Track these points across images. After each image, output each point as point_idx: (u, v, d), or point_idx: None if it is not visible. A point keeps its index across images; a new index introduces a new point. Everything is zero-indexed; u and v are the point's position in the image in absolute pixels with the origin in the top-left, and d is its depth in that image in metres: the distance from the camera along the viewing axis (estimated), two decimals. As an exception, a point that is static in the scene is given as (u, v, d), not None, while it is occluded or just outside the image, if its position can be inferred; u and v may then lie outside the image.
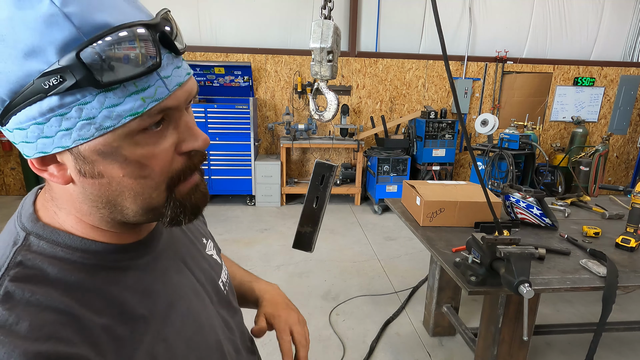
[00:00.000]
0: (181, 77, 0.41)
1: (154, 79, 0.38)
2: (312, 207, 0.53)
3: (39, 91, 0.34)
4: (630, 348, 2.36)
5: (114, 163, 0.39)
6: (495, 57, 5.22)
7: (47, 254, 0.42)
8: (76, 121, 0.36)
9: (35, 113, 0.36)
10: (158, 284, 0.50)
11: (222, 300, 0.63)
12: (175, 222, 0.46)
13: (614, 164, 5.81)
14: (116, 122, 0.37)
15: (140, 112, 0.37)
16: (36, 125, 0.37)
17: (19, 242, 0.42)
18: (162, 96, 0.39)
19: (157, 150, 0.41)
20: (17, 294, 0.37)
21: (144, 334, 0.45)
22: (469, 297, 2.63)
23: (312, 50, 1.15)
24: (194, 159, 0.45)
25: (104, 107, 0.36)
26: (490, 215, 1.72)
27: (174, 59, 0.40)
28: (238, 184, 4.77)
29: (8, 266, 0.39)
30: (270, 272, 3.18)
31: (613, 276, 1.41)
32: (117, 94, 0.36)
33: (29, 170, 4.78)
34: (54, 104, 0.35)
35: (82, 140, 0.37)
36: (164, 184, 0.43)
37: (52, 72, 0.34)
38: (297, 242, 0.55)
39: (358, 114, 5.31)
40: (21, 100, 0.35)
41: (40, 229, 0.44)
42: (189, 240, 0.62)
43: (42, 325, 0.36)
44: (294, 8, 4.87)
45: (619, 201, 2.46)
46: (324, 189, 0.53)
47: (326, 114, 1.29)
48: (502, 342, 1.67)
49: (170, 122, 0.42)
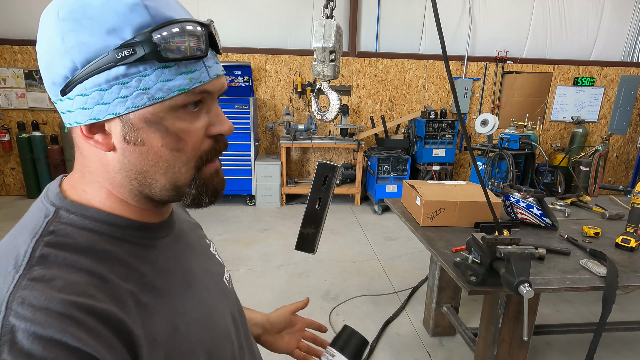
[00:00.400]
0: (219, 71, 0.49)
1: (200, 66, 0.46)
2: (315, 209, 0.53)
3: (111, 61, 0.42)
4: (630, 348, 2.36)
5: (156, 132, 0.45)
6: (495, 57, 5.22)
7: (76, 225, 0.46)
8: (133, 90, 0.43)
9: (102, 80, 0.42)
10: (174, 264, 0.55)
11: (228, 295, 0.66)
12: (197, 201, 0.51)
13: (614, 164, 5.81)
14: (166, 95, 0.44)
15: (186, 89, 0.45)
16: (99, 91, 0.43)
17: (50, 215, 0.46)
18: (205, 80, 0.46)
19: (192, 127, 0.47)
20: (52, 256, 0.42)
21: (165, 305, 0.49)
22: (469, 297, 2.63)
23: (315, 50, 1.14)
24: (219, 144, 0.51)
25: (159, 80, 0.43)
26: (490, 215, 1.72)
27: (214, 56, 0.49)
28: (238, 184, 4.77)
29: (42, 234, 0.44)
30: (270, 272, 3.18)
31: (613, 276, 1.41)
32: (171, 72, 0.44)
33: (29, 170, 4.78)
34: (120, 73, 0.42)
35: (135, 107, 0.44)
36: (193, 161, 0.48)
37: (128, 44, 0.41)
38: (300, 244, 0.55)
39: (358, 114, 5.31)
40: (93, 68, 0.42)
41: (69, 205, 0.48)
42: (196, 237, 0.66)
43: (76, 283, 0.40)
44: (294, 8, 4.88)
45: (619, 201, 2.46)
46: (327, 190, 0.53)
47: (329, 114, 1.29)
48: (502, 342, 1.67)
49: (204, 106, 0.48)
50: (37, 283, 0.38)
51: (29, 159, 4.73)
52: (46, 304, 0.37)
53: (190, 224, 0.68)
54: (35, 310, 0.36)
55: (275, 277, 3.10)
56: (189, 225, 0.67)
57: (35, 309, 0.36)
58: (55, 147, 4.76)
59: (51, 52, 0.43)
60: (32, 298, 0.37)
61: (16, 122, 4.75)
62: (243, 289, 2.91)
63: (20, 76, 4.72)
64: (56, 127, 4.92)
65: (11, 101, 4.80)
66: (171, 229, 0.57)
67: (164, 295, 0.50)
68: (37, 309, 0.36)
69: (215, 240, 3.69)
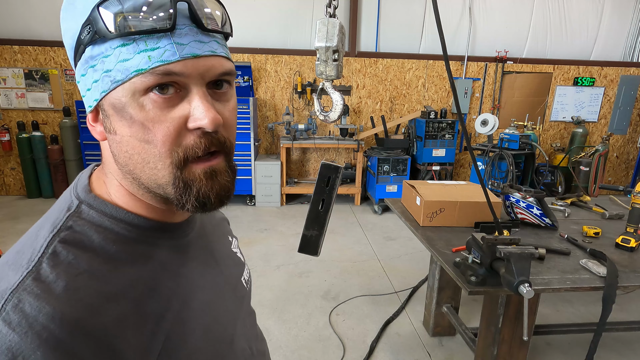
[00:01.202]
0: (200, 51, 0.41)
1: (165, 42, 0.40)
2: (318, 210, 0.52)
3: (80, 43, 0.41)
4: (630, 348, 2.36)
5: (123, 120, 0.41)
6: (495, 57, 5.22)
7: (94, 222, 0.45)
8: (101, 73, 0.41)
9: (81, 65, 0.42)
10: (186, 268, 0.52)
11: (243, 298, 0.64)
12: (180, 204, 0.44)
13: (614, 164, 5.81)
14: (124, 77, 0.39)
15: (144, 70, 0.39)
16: (82, 76, 0.42)
17: (72, 209, 0.46)
18: (169, 59, 0.39)
19: (163, 117, 0.41)
20: (63, 254, 0.41)
21: (166, 311, 0.46)
22: (469, 297, 2.63)
23: (317, 50, 1.13)
24: (203, 139, 0.43)
25: (118, 60, 0.39)
26: (490, 215, 1.72)
27: (199, 34, 0.42)
28: (238, 184, 4.76)
29: (60, 228, 0.43)
30: (270, 272, 3.18)
31: (613, 276, 1.41)
32: (129, 50, 0.39)
33: (29, 170, 4.78)
34: (87, 55, 0.41)
35: (104, 92, 0.41)
36: (168, 157, 0.42)
37: (84, 23, 0.40)
38: (303, 246, 0.54)
39: (358, 114, 5.31)
40: (75, 53, 0.42)
41: (92, 200, 0.47)
42: (218, 235, 0.65)
43: (77, 289, 0.39)
44: (294, 8, 4.87)
45: (619, 201, 2.46)
46: (330, 191, 0.52)
47: (332, 114, 1.27)
48: (502, 342, 1.67)
49: (185, 94, 0.42)
50: (38, 284, 0.38)
51: (29, 159, 4.73)
52: (34, 317, 0.36)
53: (215, 220, 0.66)
54: (21, 318, 0.36)
55: (275, 277, 3.10)
56: (214, 221, 0.65)
57: (25, 320, 0.36)
58: (55, 147, 4.76)
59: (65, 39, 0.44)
60: (27, 306, 0.36)
61: (16, 122, 4.75)
62: (243, 289, 2.91)
63: (20, 76, 4.72)
64: (56, 127, 4.91)
65: (11, 101, 4.80)
66: (190, 230, 0.55)
67: (169, 301, 0.47)
68: (24, 317, 0.36)
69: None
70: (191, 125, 0.42)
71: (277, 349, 2.27)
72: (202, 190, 0.44)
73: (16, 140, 4.72)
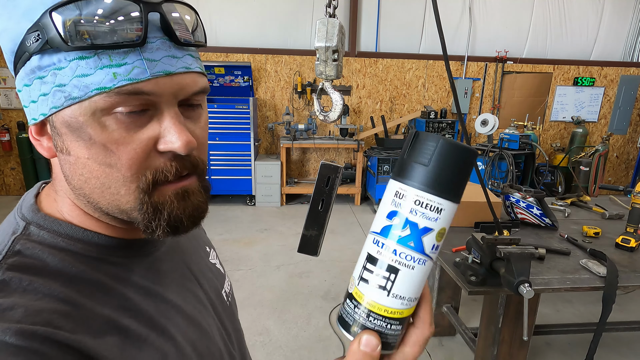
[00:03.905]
0: (173, 67, 0.37)
1: (134, 58, 0.35)
2: (318, 210, 0.52)
3: (25, 50, 0.35)
4: (630, 348, 2.36)
5: (80, 140, 0.36)
6: (495, 57, 5.22)
7: (47, 244, 0.40)
8: (51, 87, 0.35)
9: (24, 73, 0.36)
10: (161, 285, 0.47)
11: (225, 311, 0.59)
12: (149, 230, 0.40)
13: (614, 164, 5.81)
14: (83, 94, 0.34)
15: (108, 88, 0.34)
16: (25, 86, 0.37)
17: (18, 232, 0.40)
18: (138, 77, 0.35)
19: (129, 139, 0.36)
20: (14, 282, 0.35)
21: (151, 330, 0.42)
22: (469, 297, 2.63)
23: (317, 50, 1.13)
24: (180, 163, 0.39)
25: (75, 75, 0.34)
26: (490, 215, 1.72)
27: (172, 48, 0.37)
28: (238, 184, 4.77)
29: (6, 254, 0.37)
30: (270, 272, 3.18)
31: (613, 276, 1.41)
32: (89, 64, 0.34)
33: (29, 170, 4.78)
34: (34, 65, 0.35)
35: (55, 108, 0.36)
36: (134, 182, 0.38)
37: (31, 29, 0.34)
38: (303, 246, 0.54)
39: (358, 114, 5.31)
40: (17, 59, 0.36)
41: (41, 219, 0.41)
42: (194, 247, 0.60)
43: (40, 312, 0.34)
44: (294, 8, 4.87)
45: (619, 201, 2.46)
46: (330, 191, 0.52)
47: (331, 114, 1.27)
48: (502, 342, 1.67)
49: (155, 114, 0.38)
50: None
51: (29, 159, 4.73)
52: (1, 337, 0.31)
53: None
54: None
55: (275, 277, 3.10)
56: (189, 233, 0.62)
57: None
58: (55, 147, 4.76)
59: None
60: None
61: (16, 122, 4.75)
62: (243, 289, 2.91)
63: (20, 76, 4.72)
64: (56, 127, 4.91)
65: (11, 101, 4.80)
66: (160, 244, 0.50)
67: (150, 319, 0.43)
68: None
69: (215, 240, 3.70)
70: (162, 148, 0.38)
71: (277, 349, 2.27)
72: (173, 213, 0.40)
73: (16, 140, 4.72)
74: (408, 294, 0.34)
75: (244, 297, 2.77)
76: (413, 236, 0.33)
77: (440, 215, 0.33)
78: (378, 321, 0.34)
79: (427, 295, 0.37)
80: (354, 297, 0.35)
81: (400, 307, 0.34)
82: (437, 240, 0.33)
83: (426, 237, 0.33)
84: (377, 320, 0.34)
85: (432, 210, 0.33)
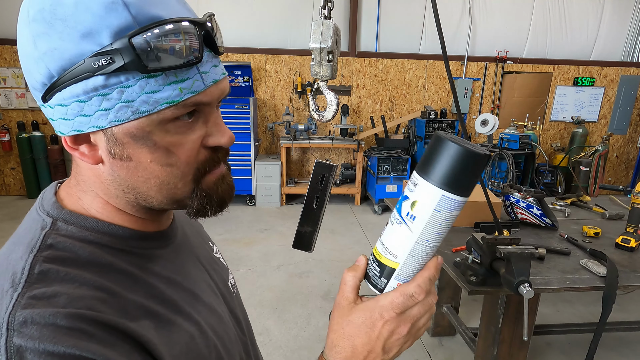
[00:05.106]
0: (217, 76, 0.43)
1: (193, 73, 0.40)
2: (312, 207, 0.53)
3: (88, 70, 0.37)
4: (630, 348, 2.36)
5: (144, 147, 0.41)
6: (495, 57, 5.22)
7: (76, 237, 0.43)
8: (115, 103, 0.38)
9: (80, 91, 0.38)
10: (180, 274, 0.52)
11: (233, 300, 0.64)
12: (202, 212, 0.47)
13: (614, 164, 5.81)
14: (152, 108, 0.39)
15: (176, 102, 0.40)
16: (77, 102, 0.39)
17: (47, 227, 0.43)
18: (198, 89, 0.41)
19: (184, 140, 0.43)
20: (52, 272, 0.38)
21: (177, 315, 0.46)
22: (469, 297, 2.63)
23: (312, 50, 1.14)
24: (218, 153, 0.47)
25: (144, 92, 0.38)
26: (490, 215, 1.72)
27: (212, 58, 0.43)
28: (238, 184, 4.75)
29: (40, 248, 0.40)
30: (270, 272, 3.18)
31: (613, 276, 1.41)
32: (157, 82, 0.39)
33: (29, 170, 4.78)
34: (98, 84, 0.38)
35: (118, 122, 0.39)
36: (190, 174, 0.44)
37: (104, 52, 0.36)
38: (297, 242, 0.55)
39: (358, 114, 5.31)
40: (69, 77, 0.37)
41: (67, 215, 0.45)
42: (199, 241, 0.64)
43: (81, 298, 0.38)
44: (294, 8, 4.87)
45: (619, 201, 2.46)
46: (324, 189, 0.53)
47: (326, 114, 1.29)
48: (502, 342, 1.67)
49: (201, 115, 0.44)
50: (39, 301, 0.36)
51: (29, 159, 4.73)
52: (52, 320, 0.34)
53: (192, 226, 0.66)
54: (41, 327, 0.34)
55: (275, 277, 3.10)
56: (192, 229, 0.65)
57: (41, 326, 0.34)
58: (55, 147, 4.76)
59: (27, 56, 0.39)
60: (35, 316, 0.34)
61: (16, 122, 4.75)
62: (243, 289, 2.91)
63: (20, 76, 4.72)
64: (56, 127, 4.92)
65: (11, 101, 4.80)
66: (174, 237, 0.55)
67: (175, 305, 0.47)
68: (44, 326, 0.34)
69: (215, 240, 3.68)
70: (211, 143, 0.45)
71: (277, 349, 2.27)
72: (219, 195, 0.48)
73: (16, 140, 4.72)
74: (387, 244, 0.45)
75: (244, 297, 2.76)
76: (399, 201, 0.44)
77: (415, 189, 0.42)
78: (371, 257, 0.49)
79: (430, 269, 0.46)
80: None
81: (381, 252, 0.46)
82: (411, 209, 0.42)
83: (404, 202, 0.43)
84: (370, 256, 0.49)
85: (412, 184, 0.43)
